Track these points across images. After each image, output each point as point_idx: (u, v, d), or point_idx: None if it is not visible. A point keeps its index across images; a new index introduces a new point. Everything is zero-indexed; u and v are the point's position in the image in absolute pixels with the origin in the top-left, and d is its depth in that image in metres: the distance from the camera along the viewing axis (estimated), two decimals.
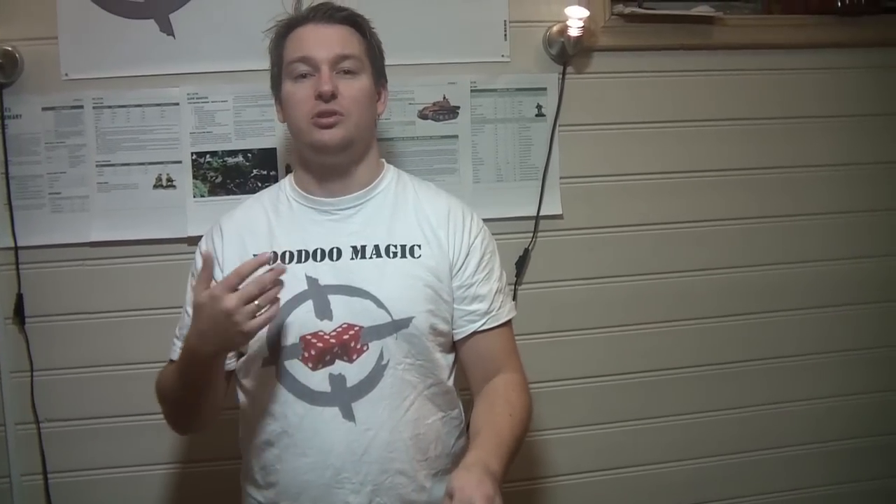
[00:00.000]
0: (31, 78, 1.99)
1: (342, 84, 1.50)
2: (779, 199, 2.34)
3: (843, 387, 2.42)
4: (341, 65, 1.51)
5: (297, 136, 1.56)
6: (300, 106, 1.51)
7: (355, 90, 1.52)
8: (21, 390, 2.04)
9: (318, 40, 1.51)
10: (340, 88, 1.50)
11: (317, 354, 1.47)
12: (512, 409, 1.50)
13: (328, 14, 1.53)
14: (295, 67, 1.52)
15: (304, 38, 1.53)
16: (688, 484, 2.36)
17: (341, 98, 1.49)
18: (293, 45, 1.54)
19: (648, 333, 2.29)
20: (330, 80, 1.49)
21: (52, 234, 2.02)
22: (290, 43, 1.55)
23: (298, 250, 1.52)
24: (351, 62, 1.52)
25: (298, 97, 1.51)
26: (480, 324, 1.56)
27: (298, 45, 1.53)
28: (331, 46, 1.51)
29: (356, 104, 1.52)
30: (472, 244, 1.57)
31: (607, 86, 2.22)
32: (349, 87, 1.51)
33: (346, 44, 1.53)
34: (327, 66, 1.50)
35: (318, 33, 1.52)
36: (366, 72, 1.55)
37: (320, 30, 1.52)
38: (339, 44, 1.52)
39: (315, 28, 1.53)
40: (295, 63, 1.52)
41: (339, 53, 1.51)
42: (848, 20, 2.29)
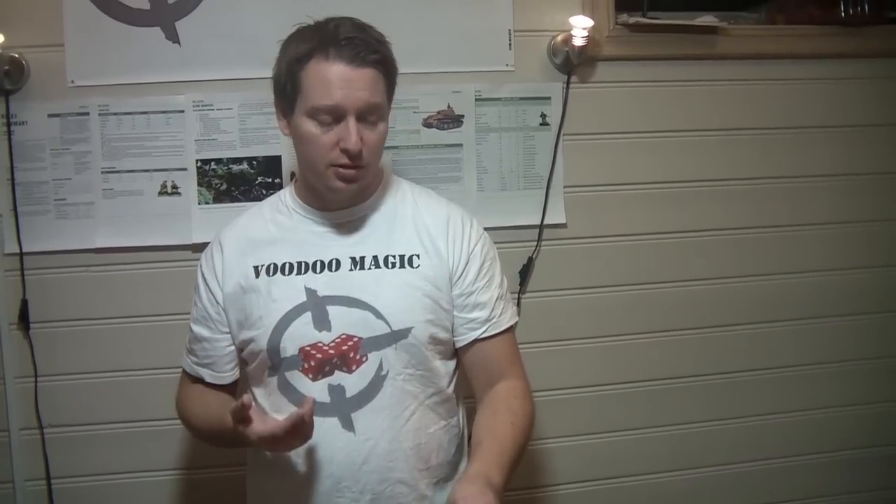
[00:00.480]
0: (37, 85, 2.00)
1: (365, 133, 1.44)
2: (780, 209, 2.34)
3: (843, 397, 2.42)
4: (367, 114, 1.44)
5: (309, 171, 1.51)
6: (321, 151, 1.44)
7: (377, 138, 1.47)
8: (25, 396, 2.05)
9: (348, 86, 1.40)
10: (364, 137, 1.44)
11: (316, 365, 1.47)
12: (514, 417, 1.50)
13: (360, 56, 1.41)
14: (319, 114, 1.42)
15: (332, 82, 1.41)
16: (687, 493, 2.36)
17: (364, 148, 1.44)
18: (319, 83, 1.41)
19: (651, 343, 2.30)
20: (358, 134, 1.42)
21: (57, 240, 2.03)
22: (316, 76, 1.42)
23: (298, 262, 1.52)
24: (377, 111, 1.45)
25: (322, 142, 1.44)
26: (482, 331, 1.56)
27: (326, 89, 1.41)
28: (360, 95, 1.41)
29: (376, 152, 1.48)
30: (471, 252, 1.57)
31: (611, 95, 2.22)
32: (371, 136, 1.45)
33: (374, 90, 1.43)
34: (354, 118, 1.42)
35: (348, 76, 1.40)
36: (386, 112, 1.49)
37: (350, 73, 1.40)
38: (368, 91, 1.42)
39: (345, 70, 1.40)
40: (321, 108, 1.42)
41: (368, 103, 1.43)
42: (851, 31, 2.30)
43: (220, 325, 1.55)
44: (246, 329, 1.51)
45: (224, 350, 1.57)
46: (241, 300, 1.52)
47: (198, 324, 1.59)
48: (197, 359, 1.60)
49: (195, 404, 1.60)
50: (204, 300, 1.57)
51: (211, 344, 1.57)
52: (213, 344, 1.57)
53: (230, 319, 1.54)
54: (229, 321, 1.54)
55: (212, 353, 1.57)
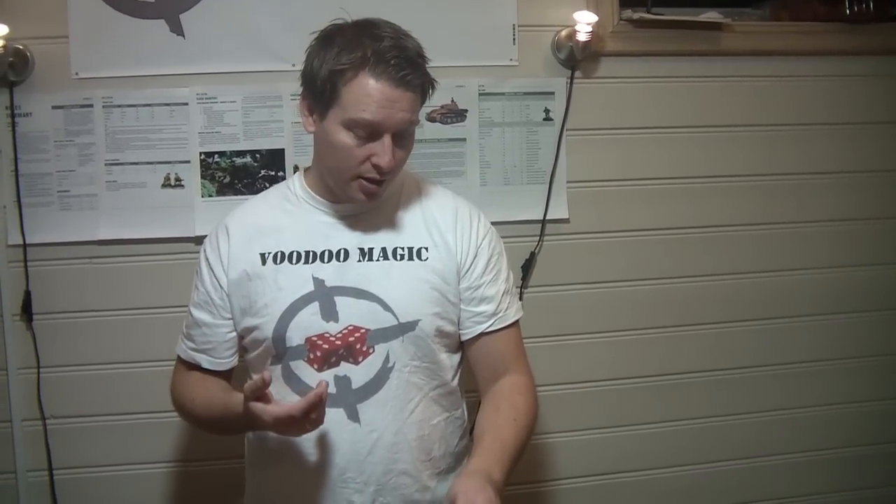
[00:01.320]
0: (41, 76, 2.00)
1: (396, 151, 1.43)
2: (785, 206, 2.34)
3: (849, 394, 2.42)
4: (403, 132, 1.43)
5: (332, 177, 1.50)
6: (351, 163, 1.43)
7: (405, 154, 1.47)
8: (28, 387, 2.05)
9: (391, 107, 1.38)
10: (395, 154, 1.43)
11: (322, 356, 1.47)
12: (517, 413, 1.50)
13: (407, 80, 1.39)
14: (357, 125, 1.40)
15: (376, 100, 1.38)
16: (691, 489, 2.36)
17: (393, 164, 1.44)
18: (363, 98, 1.38)
19: (653, 338, 2.30)
20: (391, 152, 1.41)
21: (61, 231, 2.03)
22: (360, 91, 1.38)
23: (306, 251, 1.52)
24: (411, 129, 1.46)
25: (353, 154, 1.42)
26: (488, 325, 1.56)
27: (368, 106, 1.38)
28: (401, 116, 1.40)
29: (401, 164, 1.48)
30: (479, 246, 1.57)
31: (615, 91, 2.22)
32: (401, 153, 1.45)
33: (413, 111, 1.42)
34: (390, 137, 1.41)
35: (393, 98, 1.38)
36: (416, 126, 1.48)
37: (395, 94, 1.38)
38: (409, 112, 1.41)
39: (391, 92, 1.38)
40: (360, 122, 1.39)
41: (407, 122, 1.42)
42: (856, 28, 2.30)
43: (222, 311, 1.55)
44: (250, 316, 1.51)
45: (225, 336, 1.56)
46: (246, 287, 1.52)
47: (199, 308, 1.57)
48: (195, 344, 1.58)
49: (194, 390, 1.58)
50: (207, 285, 1.56)
51: (211, 329, 1.56)
52: (213, 330, 1.56)
53: (233, 306, 1.54)
54: (232, 307, 1.54)
55: (212, 339, 1.56)
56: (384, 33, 1.41)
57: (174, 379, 1.64)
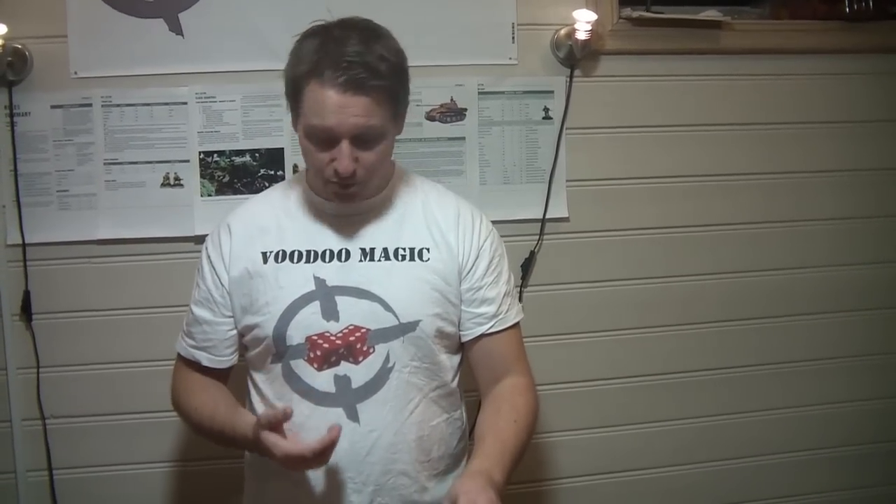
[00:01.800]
0: (40, 76, 1.99)
1: (362, 154, 1.41)
2: (785, 204, 2.34)
3: (850, 392, 2.42)
4: (363, 137, 1.40)
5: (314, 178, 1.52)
6: (316, 165, 1.44)
7: (374, 157, 1.43)
8: (27, 386, 2.05)
9: (342, 112, 1.36)
10: (360, 158, 1.41)
11: (322, 355, 1.47)
12: (517, 414, 1.50)
13: (357, 83, 1.35)
14: (313, 132, 1.40)
15: (326, 107, 1.36)
16: (692, 488, 2.36)
17: (359, 167, 1.42)
18: (314, 104, 1.38)
19: (653, 337, 2.30)
20: (350, 157, 1.39)
21: (60, 231, 2.03)
22: (312, 98, 1.38)
23: (307, 250, 1.52)
24: (373, 132, 1.40)
25: (317, 157, 1.43)
26: (488, 326, 1.56)
27: (318, 111, 1.37)
28: (354, 120, 1.37)
29: (373, 170, 1.45)
30: (481, 247, 1.57)
31: (615, 89, 2.22)
32: (368, 156, 1.42)
33: (371, 115, 1.37)
34: (347, 142, 1.38)
35: (343, 104, 1.35)
36: (389, 127, 1.43)
37: (345, 100, 1.35)
38: (364, 117, 1.37)
39: (339, 98, 1.35)
40: (315, 128, 1.39)
41: (362, 128, 1.38)
42: (855, 26, 2.29)
43: (223, 309, 1.55)
44: (250, 314, 1.51)
45: (225, 334, 1.56)
46: (247, 285, 1.52)
47: (200, 306, 1.57)
48: (195, 342, 1.58)
49: (199, 398, 1.57)
50: (209, 282, 1.56)
51: (212, 327, 1.56)
52: (214, 327, 1.56)
53: (234, 304, 1.54)
54: (233, 305, 1.54)
55: (212, 337, 1.56)
56: (345, 37, 1.38)
57: (175, 378, 1.64)
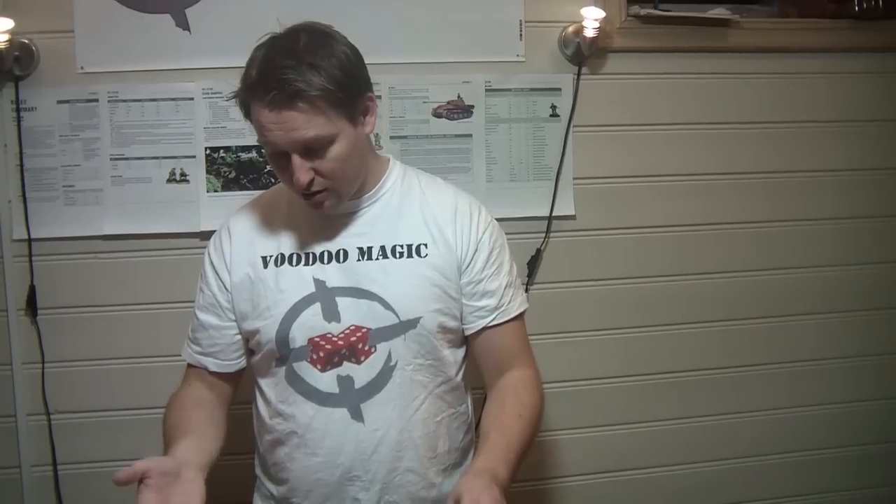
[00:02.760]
0: (46, 71, 2.00)
1: (317, 163, 1.39)
2: (791, 203, 2.33)
3: (855, 392, 2.42)
4: (310, 147, 1.37)
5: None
6: (284, 181, 1.44)
7: (332, 163, 1.39)
8: (32, 382, 2.06)
9: (279, 129, 1.34)
10: (317, 167, 1.39)
11: (325, 356, 1.47)
12: (522, 409, 1.50)
13: (286, 98, 1.32)
14: (266, 150, 1.41)
15: (265, 125, 1.35)
16: (696, 486, 2.36)
17: (320, 174, 1.40)
18: (256, 124, 1.38)
19: (659, 335, 2.29)
20: (302, 168, 1.37)
21: (66, 226, 2.03)
22: (254, 117, 1.37)
23: (305, 252, 1.51)
24: (319, 140, 1.36)
25: (280, 173, 1.44)
26: (490, 319, 1.55)
27: (261, 131, 1.37)
28: (293, 134, 1.34)
29: (336, 176, 1.42)
30: (479, 240, 1.56)
31: (622, 87, 2.21)
32: (325, 163, 1.39)
33: (309, 125, 1.34)
34: (296, 156, 1.36)
35: (278, 120, 1.34)
36: (341, 130, 1.39)
37: (279, 117, 1.33)
38: (301, 129, 1.34)
39: (273, 115, 1.33)
40: (265, 147, 1.40)
41: (303, 139, 1.35)
42: (864, 24, 2.29)
43: (228, 313, 1.54)
44: (252, 319, 1.50)
45: (232, 338, 1.55)
46: (248, 289, 1.51)
47: (205, 311, 1.56)
48: (201, 348, 1.57)
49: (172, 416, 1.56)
50: (213, 287, 1.55)
51: (219, 332, 1.55)
52: (220, 332, 1.55)
53: (236, 308, 1.53)
54: (235, 310, 1.54)
55: (219, 342, 1.55)
56: (279, 51, 1.37)
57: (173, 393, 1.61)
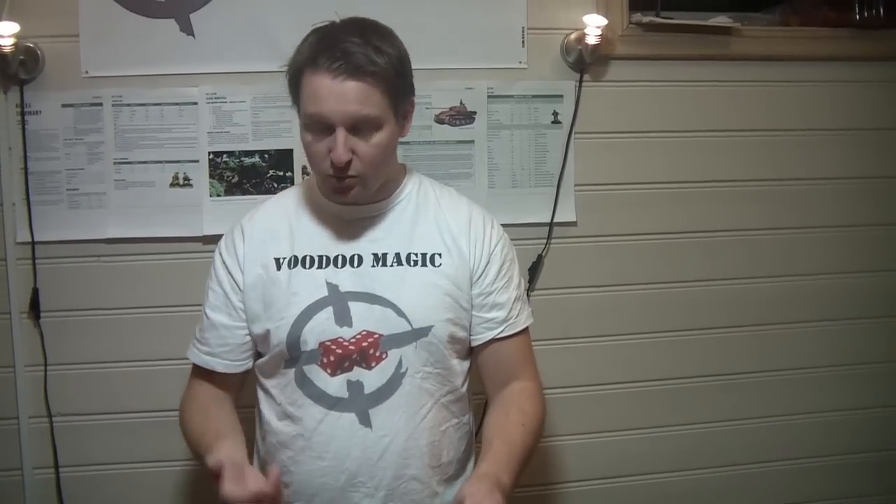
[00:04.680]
0: (51, 75, 2.00)
1: (359, 145, 1.41)
2: (792, 212, 2.34)
3: (852, 400, 2.42)
4: (359, 126, 1.40)
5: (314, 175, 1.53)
6: (315, 159, 1.45)
7: (372, 149, 1.42)
8: (34, 384, 2.06)
9: (334, 99, 1.37)
10: (357, 149, 1.41)
11: (335, 360, 1.47)
12: (525, 418, 1.51)
13: (350, 70, 1.37)
14: (310, 121, 1.42)
15: (319, 93, 1.38)
16: (695, 493, 2.37)
17: (356, 161, 1.42)
18: (309, 92, 1.40)
19: (660, 342, 2.30)
20: (344, 146, 1.39)
21: (69, 229, 2.03)
22: (308, 87, 1.40)
23: (319, 256, 1.52)
24: (369, 121, 1.40)
25: (313, 150, 1.44)
26: (499, 331, 1.56)
27: (314, 99, 1.39)
28: (348, 106, 1.38)
29: (372, 163, 1.44)
30: (492, 252, 1.57)
31: (624, 94, 2.22)
32: (366, 147, 1.42)
33: (364, 102, 1.38)
34: (343, 130, 1.39)
35: (336, 89, 1.37)
36: (387, 121, 1.43)
37: (337, 86, 1.37)
38: (356, 102, 1.38)
39: (334, 84, 1.37)
40: (311, 117, 1.41)
41: (355, 115, 1.38)
42: (865, 33, 2.29)
43: (241, 312, 1.54)
44: (263, 320, 1.51)
45: (242, 339, 1.56)
46: (261, 291, 1.52)
47: (217, 311, 1.56)
48: (209, 348, 1.57)
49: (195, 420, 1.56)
50: (225, 286, 1.55)
51: (230, 331, 1.55)
52: (231, 332, 1.55)
53: (248, 308, 1.54)
54: (247, 310, 1.54)
55: (229, 341, 1.56)
56: (344, 32, 1.41)
57: (185, 394, 1.62)
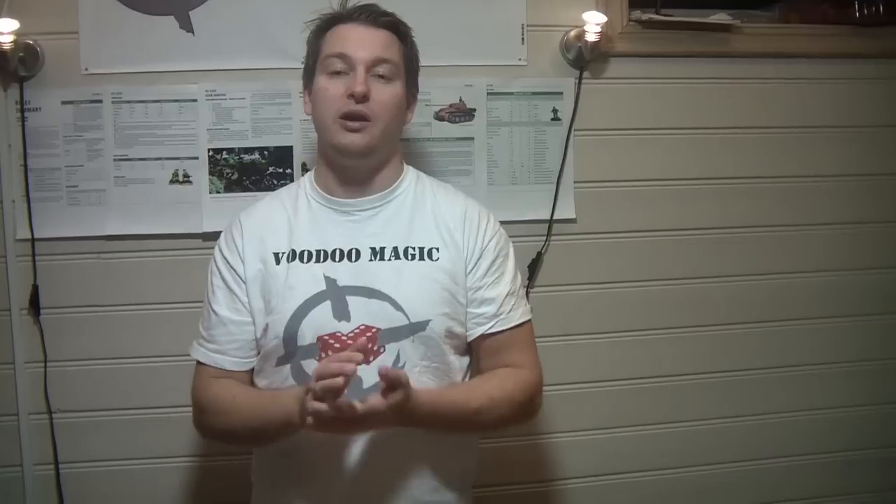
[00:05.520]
0: (51, 72, 2.00)
1: (375, 88, 1.50)
2: (792, 209, 2.34)
3: (850, 397, 2.42)
4: (378, 68, 1.51)
5: (322, 132, 1.56)
6: (331, 102, 1.51)
7: (388, 95, 1.52)
8: (34, 381, 2.06)
9: (359, 40, 1.52)
10: (373, 92, 1.49)
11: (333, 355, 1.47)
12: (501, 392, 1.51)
13: (373, 17, 1.54)
14: (331, 63, 1.52)
15: (345, 36, 1.53)
16: (695, 490, 2.36)
17: (372, 102, 1.49)
18: (333, 40, 1.54)
19: (659, 339, 2.30)
20: (365, 81, 1.49)
21: (69, 226, 2.03)
22: (331, 38, 1.55)
23: (317, 250, 1.52)
24: (388, 67, 1.52)
25: (330, 93, 1.51)
26: (488, 327, 1.56)
27: (339, 42, 1.53)
28: (371, 48, 1.51)
29: (386, 110, 1.52)
30: (485, 247, 1.57)
31: (623, 91, 2.22)
32: (382, 92, 1.51)
33: (386, 48, 1.53)
34: (363, 67, 1.49)
35: (360, 33, 1.52)
36: (400, 79, 1.56)
37: (362, 30, 1.52)
38: (379, 47, 1.52)
39: (357, 28, 1.53)
40: (332, 58, 1.52)
41: (378, 56, 1.51)
42: (865, 31, 2.29)
43: (246, 307, 1.54)
44: (264, 315, 1.51)
45: (251, 334, 1.54)
46: (261, 285, 1.52)
47: (224, 307, 1.55)
48: (217, 345, 1.55)
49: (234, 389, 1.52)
50: (230, 282, 1.55)
51: (239, 327, 1.54)
52: (241, 327, 1.54)
53: (251, 303, 1.53)
54: (250, 304, 1.53)
55: (238, 337, 1.54)
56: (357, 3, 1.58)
57: (198, 384, 1.58)
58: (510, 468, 2.24)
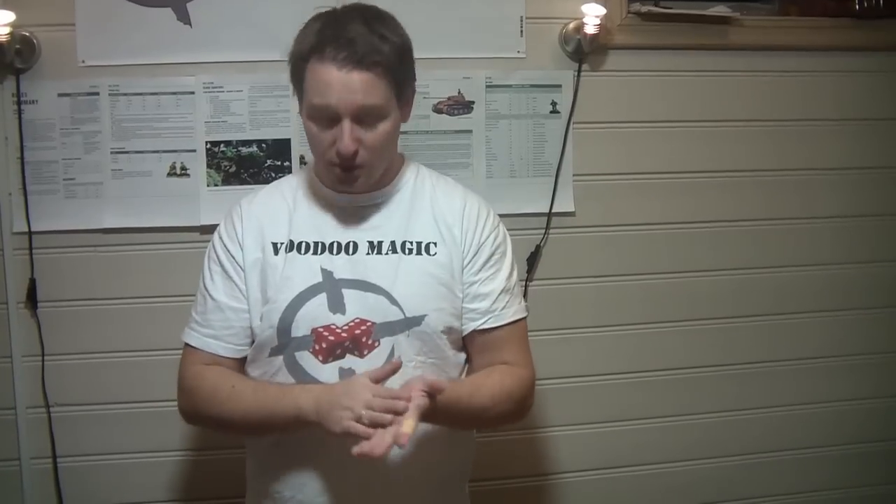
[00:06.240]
0: (47, 64, 1.99)
1: (364, 134, 1.42)
2: (791, 202, 2.34)
3: (856, 390, 2.42)
4: (364, 116, 1.40)
5: (318, 164, 1.52)
6: (320, 148, 1.45)
7: (376, 139, 1.43)
8: (32, 374, 2.06)
9: (341, 90, 1.38)
10: (362, 139, 1.42)
11: (328, 347, 1.46)
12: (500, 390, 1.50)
13: (355, 59, 1.37)
14: (316, 111, 1.42)
15: (326, 83, 1.38)
16: (697, 484, 2.37)
17: (362, 149, 1.42)
18: (314, 83, 1.40)
19: (659, 332, 2.30)
20: (351, 136, 1.40)
21: (66, 219, 2.03)
22: (313, 77, 1.40)
23: (315, 242, 1.52)
24: (375, 110, 1.41)
25: (318, 140, 1.44)
26: (480, 322, 1.54)
27: (319, 89, 1.39)
28: (354, 97, 1.38)
29: (377, 153, 1.45)
30: (482, 242, 1.56)
31: (622, 84, 2.21)
32: (371, 136, 1.42)
33: (370, 92, 1.39)
34: (349, 119, 1.39)
35: (343, 81, 1.37)
36: (391, 111, 1.44)
37: (345, 77, 1.37)
38: (363, 93, 1.38)
39: (340, 75, 1.37)
40: (316, 107, 1.41)
41: (361, 105, 1.39)
42: (864, 23, 2.29)
43: (243, 294, 1.52)
44: (260, 304, 1.50)
45: (247, 321, 1.52)
46: (259, 275, 1.51)
47: (222, 293, 1.53)
48: (213, 330, 1.53)
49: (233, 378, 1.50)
50: (229, 269, 1.53)
51: (236, 314, 1.52)
52: (238, 314, 1.52)
53: (249, 292, 1.52)
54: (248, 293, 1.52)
55: (234, 324, 1.52)
56: (348, 19, 1.41)
57: (189, 369, 1.54)
58: (508, 462, 2.24)
